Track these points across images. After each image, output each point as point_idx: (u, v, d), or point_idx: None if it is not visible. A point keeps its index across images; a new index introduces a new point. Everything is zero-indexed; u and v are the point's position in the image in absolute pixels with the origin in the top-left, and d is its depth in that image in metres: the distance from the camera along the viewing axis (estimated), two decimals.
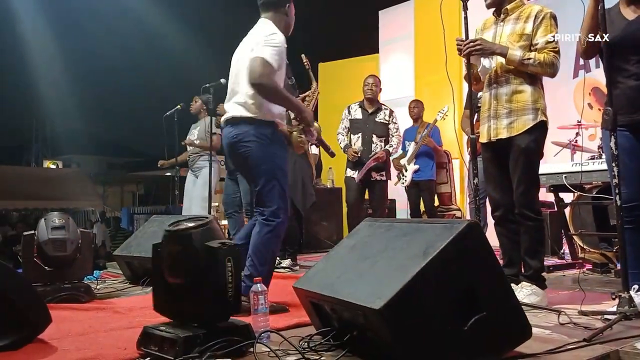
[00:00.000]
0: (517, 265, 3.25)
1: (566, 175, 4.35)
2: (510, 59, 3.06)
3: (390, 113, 5.69)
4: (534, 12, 3.14)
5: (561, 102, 6.18)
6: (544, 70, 3.08)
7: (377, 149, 5.49)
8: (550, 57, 3.06)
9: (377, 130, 5.57)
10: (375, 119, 5.60)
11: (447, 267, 1.96)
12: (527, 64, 3.05)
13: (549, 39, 3.08)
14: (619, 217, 2.60)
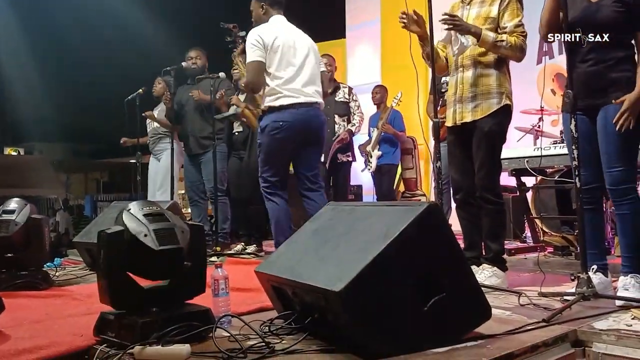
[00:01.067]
0: (478, 247, 3.28)
1: (528, 159, 4.41)
2: (484, 40, 3.05)
3: (350, 91, 5.62)
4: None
5: (524, 88, 6.21)
6: (514, 53, 3.09)
7: (340, 129, 5.45)
8: (520, 40, 3.08)
9: (338, 110, 5.51)
10: (335, 99, 5.52)
11: (408, 249, 1.95)
12: (499, 46, 3.05)
13: (517, 23, 3.10)
14: (579, 198, 2.63)
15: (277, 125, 3.71)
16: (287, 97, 3.72)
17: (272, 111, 3.74)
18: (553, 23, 2.83)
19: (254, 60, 3.71)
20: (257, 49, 3.71)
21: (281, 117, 3.71)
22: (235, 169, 5.26)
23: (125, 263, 2.10)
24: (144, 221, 2.09)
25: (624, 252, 2.79)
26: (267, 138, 3.74)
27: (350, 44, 9.00)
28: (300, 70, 3.79)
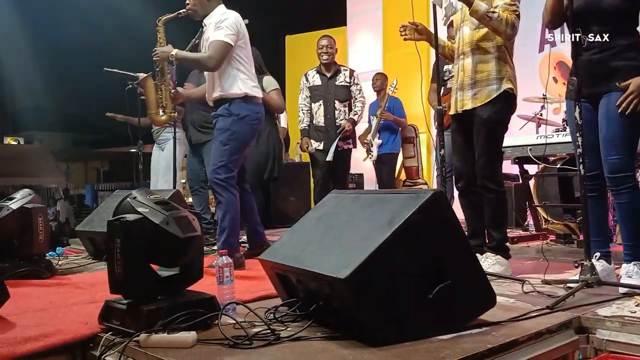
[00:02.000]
0: (482, 236, 3.28)
1: (531, 147, 4.41)
2: (475, 9, 3.02)
3: (351, 74, 5.38)
4: None
5: (527, 76, 6.20)
6: (504, 28, 3.05)
7: (341, 115, 5.26)
8: (512, 17, 3.05)
9: (339, 95, 5.29)
10: (336, 83, 5.30)
11: (412, 237, 1.96)
12: (490, 17, 3.02)
13: (509, 2, 3.07)
14: (582, 185, 2.63)
15: (257, 116, 3.69)
16: (257, 89, 3.72)
17: (249, 101, 3.64)
18: (557, 10, 2.81)
19: (227, 42, 3.54)
20: (233, 33, 3.57)
21: (258, 109, 3.70)
22: None
23: (145, 252, 2.09)
24: (159, 209, 2.09)
25: (624, 241, 2.80)
26: (247, 127, 3.63)
27: (351, 31, 8.96)
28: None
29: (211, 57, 3.54)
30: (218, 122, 3.66)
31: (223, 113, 3.62)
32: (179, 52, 3.64)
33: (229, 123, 3.59)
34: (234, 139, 3.59)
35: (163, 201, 2.16)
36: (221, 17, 3.60)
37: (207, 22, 3.70)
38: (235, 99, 3.61)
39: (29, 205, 3.46)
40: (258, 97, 3.71)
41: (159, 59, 3.71)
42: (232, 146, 3.58)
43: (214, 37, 3.56)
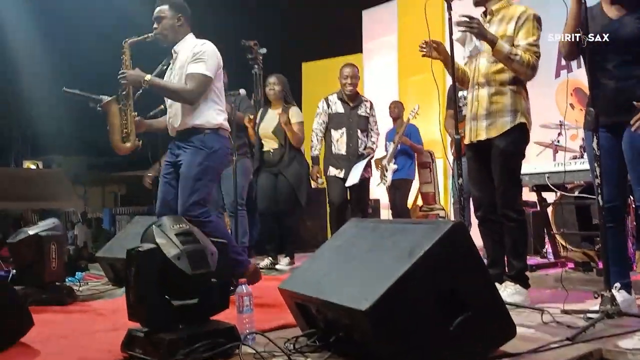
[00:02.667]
0: (501, 264, 3.27)
1: (549, 175, 4.40)
2: (498, 49, 3.04)
3: (371, 106, 5.45)
4: (517, 13, 3.16)
5: (543, 102, 6.23)
6: (525, 70, 3.09)
7: (361, 144, 5.27)
8: (533, 59, 3.08)
9: (361, 125, 5.31)
10: (358, 112, 5.31)
11: (433, 268, 1.97)
12: (512, 59, 3.05)
13: (531, 42, 3.10)
14: (601, 216, 2.63)
15: (228, 150, 3.62)
16: (226, 122, 3.61)
17: (222, 134, 3.53)
18: (574, 42, 2.83)
19: (209, 76, 3.43)
20: (214, 66, 3.46)
21: (228, 144, 3.62)
22: (270, 185, 5.25)
23: (157, 282, 2.13)
24: (176, 242, 2.13)
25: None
26: (219, 160, 3.51)
27: (367, 58, 9.04)
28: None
29: (193, 91, 3.40)
30: (187, 154, 3.44)
31: (196, 145, 3.43)
32: (152, 79, 3.46)
33: (203, 156, 3.41)
34: (207, 174, 3.43)
35: (186, 232, 2.19)
36: (201, 47, 3.47)
37: (177, 50, 3.56)
38: (209, 130, 3.46)
39: (43, 233, 3.49)
40: (228, 129, 3.61)
41: (128, 83, 3.47)
42: (205, 181, 3.42)
43: (195, 69, 3.41)
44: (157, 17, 3.55)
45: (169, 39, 3.56)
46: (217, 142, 3.47)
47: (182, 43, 3.56)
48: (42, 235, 3.48)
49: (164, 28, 3.53)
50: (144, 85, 3.43)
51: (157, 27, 3.55)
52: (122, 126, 3.57)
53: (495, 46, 3.04)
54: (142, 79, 3.40)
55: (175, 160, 3.52)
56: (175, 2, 3.57)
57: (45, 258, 3.44)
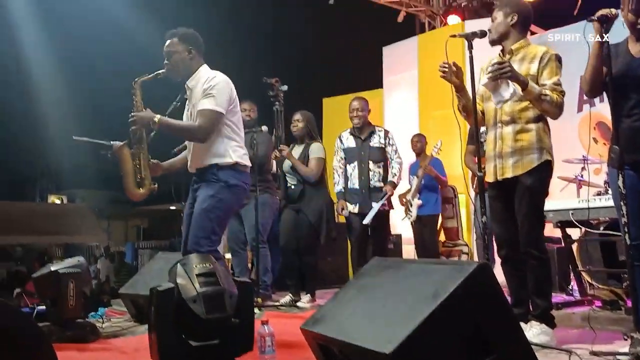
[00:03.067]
0: (526, 303, 3.22)
1: (573, 211, 4.34)
2: (530, 90, 3.04)
3: (386, 135, 5.24)
4: (540, 53, 3.17)
5: (566, 137, 6.19)
6: (554, 110, 3.09)
7: (375, 176, 5.13)
8: (560, 98, 3.08)
9: (373, 156, 5.16)
10: (370, 144, 5.18)
11: (458, 310, 1.95)
12: (543, 100, 3.05)
13: (555, 81, 3.10)
14: (628, 255, 2.59)
15: (245, 187, 3.46)
16: (246, 157, 3.51)
17: (239, 170, 3.42)
18: (596, 80, 2.83)
19: (219, 111, 3.30)
20: (225, 100, 3.34)
21: (246, 180, 3.47)
22: (292, 221, 5.23)
23: (173, 322, 2.14)
24: (195, 283, 2.14)
25: None
26: (233, 196, 3.39)
27: (387, 93, 9.10)
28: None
29: (202, 128, 3.28)
30: (202, 188, 3.37)
31: (210, 179, 3.34)
32: (162, 119, 3.33)
33: (216, 189, 3.31)
34: (219, 208, 3.30)
35: (209, 273, 2.20)
36: (210, 82, 3.33)
37: (191, 85, 3.43)
38: (225, 166, 3.36)
39: (62, 270, 3.49)
40: (248, 165, 3.49)
41: (138, 126, 3.36)
42: (217, 215, 3.29)
43: (204, 105, 3.29)
44: (167, 52, 3.43)
45: (181, 73, 3.44)
46: (232, 177, 3.37)
47: (195, 77, 3.43)
48: (61, 272, 3.48)
49: (175, 63, 3.41)
50: (153, 127, 3.33)
51: (167, 62, 3.43)
52: (135, 171, 3.47)
53: (527, 87, 3.04)
54: (152, 121, 3.29)
55: (195, 197, 3.46)
56: (184, 34, 3.44)
57: (63, 296, 3.43)
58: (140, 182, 3.48)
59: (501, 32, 3.28)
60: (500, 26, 3.28)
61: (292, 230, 5.21)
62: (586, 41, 2.78)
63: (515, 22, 3.25)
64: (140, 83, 3.46)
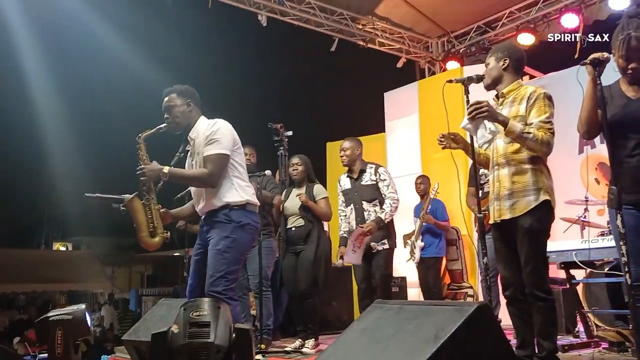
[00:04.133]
0: (531, 345, 3.19)
1: (576, 252, 4.34)
2: (511, 130, 3.09)
3: (376, 170, 5.04)
4: (528, 93, 3.22)
5: (568, 178, 6.22)
6: (540, 147, 3.11)
7: (371, 215, 4.92)
8: (547, 136, 3.11)
9: (366, 195, 4.98)
10: (362, 183, 5.03)
11: (459, 351, 1.95)
12: (525, 138, 3.09)
13: (543, 119, 3.13)
14: (630, 295, 2.58)
15: (257, 225, 3.57)
16: (254, 196, 3.61)
17: (249, 209, 3.53)
18: (592, 121, 2.87)
19: (224, 154, 3.45)
20: (228, 141, 3.49)
21: (257, 219, 3.58)
22: (292, 265, 5.15)
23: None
24: (186, 333, 2.16)
25: None
26: (247, 235, 3.49)
27: (389, 137, 9.19)
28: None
29: (212, 174, 3.41)
30: (214, 230, 3.45)
31: (222, 220, 3.43)
32: (171, 170, 3.47)
33: (229, 230, 3.40)
34: (233, 247, 3.38)
35: (202, 323, 2.22)
36: (212, 128, 3.49)
37: (194, 136, 3.58)
38: (237, 206, 3.46)
39: (52, 317, 3.50)
40: (257, 205, 3.60)
41: (147, 179, 3.49)
42: (231, 255, 3.37)
43: (210, 151, 3.44)
44: (167, 107, 3.60)
45: (181, 126, 3.60)
46: (244, 216, 3.45)
47: (196, 128, 3.58)
48: (50, 319, 3.49)
49: (175, 116, 3.58)
50: (163, 178, 3.44)
51: (168, 116, 3.60)
52: (148, 222, 3.55)
53: (506, 127, 3.10)
54: (161, 172, 3.42)
55: (205, 240, 3.51)
56: (181, 90, 3.63)
57: (51, 342, 3.43)
58: (153, 231, 3.56)
59: (494, 76, 3.35)
60: (492, 71, 3.36)
61: (293, 274, 5.16)
62: (579, 83, 2.84)
63: (507, 66, 3.32)
64: (144, 138, 3.58)
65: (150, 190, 3.54)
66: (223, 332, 2.24)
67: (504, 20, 8.67)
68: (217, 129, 3.47)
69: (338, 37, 8.74)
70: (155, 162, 3.48)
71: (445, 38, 9.55)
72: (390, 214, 4.90)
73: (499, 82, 3.35)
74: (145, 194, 3.53)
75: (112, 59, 12.47)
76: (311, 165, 5.39)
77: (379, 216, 4.86)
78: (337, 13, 8.65)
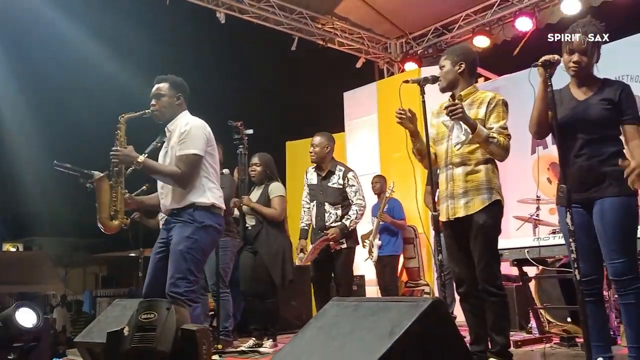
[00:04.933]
0: (484, 341, 3.26)
1: (528, 249, 4.44)
2: (479, 134, 3.16)
3: (345, 174, 4.90)
4: (487, 98, 3.30)
5: (520, 178, 6.37)
6: (501, 152, 3.21)
7: (331, 217, 4.84)
8: (507, 141, 3.21)
9: (330, 198, 4.87)
10: (328, 184, 4.90)
11: (414, 346, 1.97)
12: (491, 142, 3.17)
13: (502, 125, 3.23)
14: (579, 291, 2.66)
15: (219, 228, 3.52)
16: (222, 199, 3.57)
17: (214, 212, 3.48)
18: (543, 122, 2.95)
19: (197, 154, 3.41)
20: (202, 142, 3.45)
21: (221, 221, 3.53)
22: (250, 264, 5.12)
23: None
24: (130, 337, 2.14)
25: (630, 343, 2.80)
26: (208, 237, 3.44)
27: (349, 136, 9.25)
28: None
29: (184, 174, 3.38)
30: (177, 229, 3.39)
31: (185, 219, 3.38)
32: (147, 160, 3.40)
33: (192, 230, 3.35)
34: (195, 249, 3.33)
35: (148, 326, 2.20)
36: (185, 127, 3.45)
37: (171, 129, 3.53)
38: (202, 207, 3.42)
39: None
40: (222, 208, 3.56)
41: (120, 162, 3.43)
42: (193, 256, 3.31)
43: (183, 150, 3.40)
44: (157, 95, 3.53)
45: (166, 116, 3.54)
46: (207, 218, 3.41)
47: (176, 121, 3.54)
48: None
49: (162, 106, 3.52)
50: (137, 166, 3.38)
51: (155, 104, 3.52)
52: (111, 204, 3.48)
53: (476, 130, 3.17)
54: (135, 160, 3.36)
55: (166, 238, 3.46)
56: (175, 81, 3.57)
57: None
58: (114, 215, 3.50)
59: (450, 79, 3.41)
60: (448, 74, 3.41)
61: (250, 273, 5.12)
62: (531, 84, 2.92)
63: (462, 70, 3.38)
64: (126, 119, 3.53)
65: (120, 173, 3.48)
66: (167, 336, 2.22)
67: (461, 23, 8.82)
68: (189, 129, 3.43)
69: (297, 36, 8.73)
70: (131, 148, 3.42)
71: (404, 39, 9.65)
72: (355, 222, 4.85)
73: (455, 86, 3.41)
74: (114, 176, 3.47)
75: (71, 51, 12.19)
76: (273, 163, 5.37)
77: (344, 223, 4.79)
78: (297, 12, 8.64)
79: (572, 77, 3.02)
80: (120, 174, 3.49)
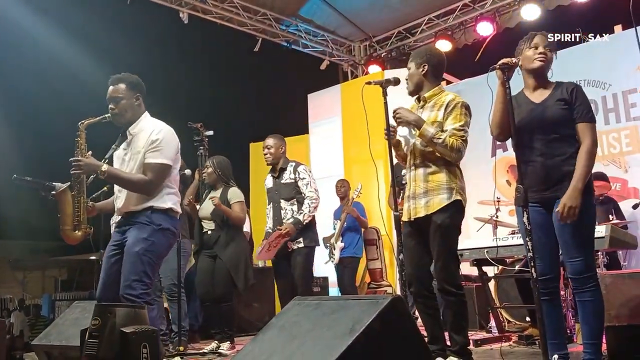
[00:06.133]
0: (441, 340, 3.30)
1: (487, 249, 4.52)
2: (423, 133, 3.23)
3: (296, 169, 4.91)
4: (447, 100, 3.35)
5: (481, 180, 6.49)
6: (449, 153, 3.24)
7: (287, 214, 4.83)
8: (458, 143, 3.24)
9: (284, 194, 4.87)
10: (282, 182, 4.92)
11: (374, 343, 1.99)
12: (435, 142, 3.22)
13: (457, 127, 3.27)
14: (535, 289, 2.72)
15: (175, 231, 3.47)
16: (178, 205, 3.53)
17: (172, 215, 3.43)
18: (504, 123, 3.00)
19: (168, 164, 3.38)
20: (173, 152, 3.43)
21: (177, 225, 3.50)
22: (208, 268, 5.08)
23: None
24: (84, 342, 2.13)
25: (585, 339, 2.86)
26: (165, 239, 3.39)
27: (313, 139, 9.27)
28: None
29: (152, 183, 3.32)
30: (132, 230, 3.33)
31: (142, 221, 3.32)
32: (110, 170, 3.32)
33: (148, 232, 3.29)
34: (151, 251, 3.28)
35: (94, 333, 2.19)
36: (157, 135, 3.36)
37: (134, 132, 3.43)
38: (159, 210, 3.37)
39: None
40: (179, 212, 3.52)
41: (82, 172, 3.34)
42: (149, 258, 3.26)
43: (154, 159, 3.33)
44: (114, 98, 3.41)
45: (127, 119, 3.43)
46: (164, 220, 3.36)
47: (138, 124, 3.44)
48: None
49: (122, 108, 3.40)
50: (101, 176, 3.30)
51: (114, 107, 3.40)
52: (74, 215, 3.42)
53: (420, 129, 3.23)
54: (99, 169, 3.28)
55: (121, 240, 3.38)
56: (132, 81, 3.46)
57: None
58: (77, 225, 3.44)
59: (415, 82, 3.46)
60: (414, 77, 3.46)
61: (209, 278, 5.06)
62: (489, 87, 2.97)
63: (426, 72, 3.43)
64: (85, 125, 3.42)
65: (82, 182, 3.42)
66: (108, 342, 2.21)
67: (424, 27, 8.95)
68: (161, 138, 3.36)
69: (261, 37, 8.72)
70: (91, 157, 3.33)
71: (368, 42, 9.73)
72: (309, 215, 4.82)
73: (421, 88, 3.45)
74: (76, 185, 3.41)
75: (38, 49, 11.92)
76: (229, 167, 5.31)
77: (297, 218, 4.76)
78: (261, 13, 8.64)
79: (533, 72, 3.05)
80: (82, 183, 3.42)
